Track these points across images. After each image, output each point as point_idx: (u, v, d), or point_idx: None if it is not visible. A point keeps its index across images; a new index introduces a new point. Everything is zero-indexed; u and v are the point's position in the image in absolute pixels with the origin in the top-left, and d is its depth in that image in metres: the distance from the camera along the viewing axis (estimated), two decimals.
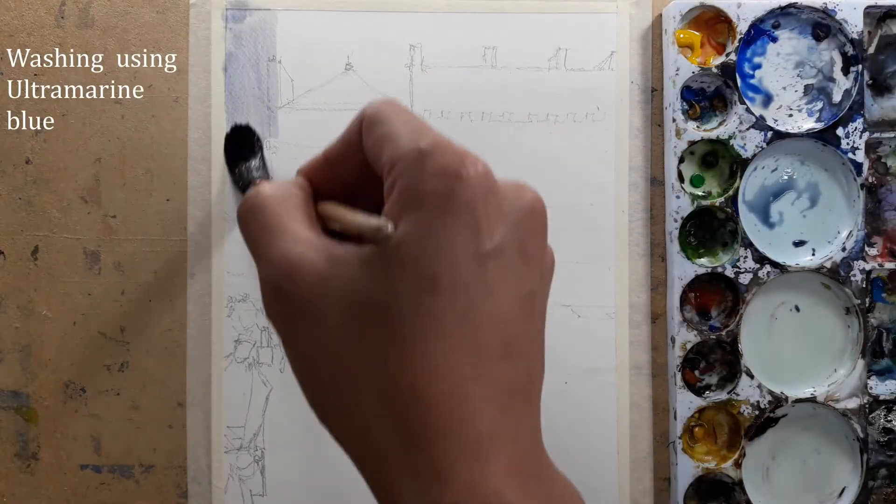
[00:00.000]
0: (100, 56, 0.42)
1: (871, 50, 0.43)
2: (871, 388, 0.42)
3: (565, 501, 0.21)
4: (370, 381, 0.20)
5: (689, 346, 0.42)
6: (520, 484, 0.19)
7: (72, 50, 0.42)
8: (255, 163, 0.40)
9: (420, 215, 0.20)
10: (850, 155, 0.42)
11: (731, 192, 0.42)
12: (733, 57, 0.42)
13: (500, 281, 0.20)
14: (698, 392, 0.42)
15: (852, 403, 0.42)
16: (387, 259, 0.20)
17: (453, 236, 0.20)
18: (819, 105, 0.43)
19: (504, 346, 0.20)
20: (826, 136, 0.42)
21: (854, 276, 0.42)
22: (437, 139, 0.21)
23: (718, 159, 0.43)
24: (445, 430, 0.19)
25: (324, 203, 0.23)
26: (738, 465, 0.42)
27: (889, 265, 0.42)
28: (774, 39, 0.43)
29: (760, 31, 0.42)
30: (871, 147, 0.42)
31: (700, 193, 0.43)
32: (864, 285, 0.42)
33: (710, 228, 0.43)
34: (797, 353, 0.43)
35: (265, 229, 0.22)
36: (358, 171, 0.23)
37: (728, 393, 0.42)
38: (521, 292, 0.21)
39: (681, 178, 0.42)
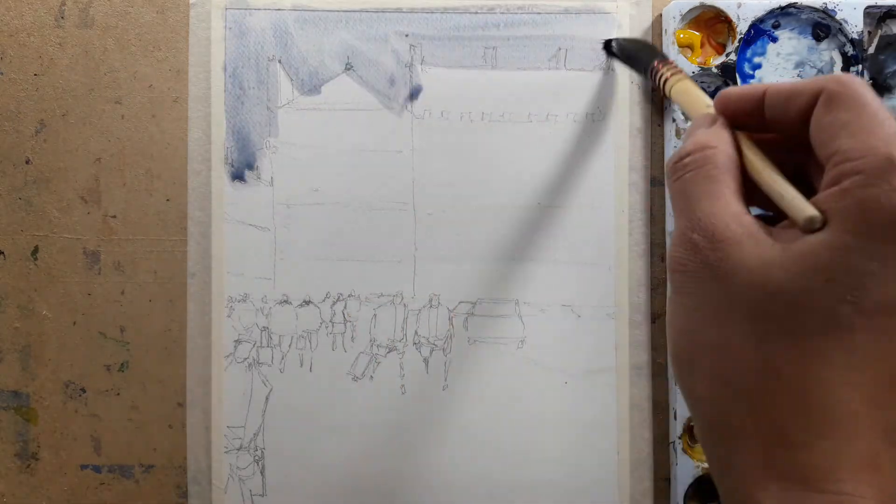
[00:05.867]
0: (100, 56, 0.42)
1: (871, 50, 0.43)
2: None
3: None
4: (747, 364, 0.20)
5: None
6: None
7: (72, 50, 0.42)
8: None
9: (869, 233, 0.19)
10: None
11: None
12: (733, 57, 0.42)
13: None
14: None
15: None
16: (816, 264, 0.19)
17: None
18: None
19: None
20: None
21: None
22: None
23: None
24: (823, 440, 0.19)
25: (755, 158, 0.23)
26: None
27: None
28: (774, 39, 0.43)
29: (760, 31, 0.42)
30: None
31: None
32: None
33: None
34: None
35: (701, 189, 0.22)
36: (788, 128, 0.22)
37: None
38: None
39: None
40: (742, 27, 0.41)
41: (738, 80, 0.42)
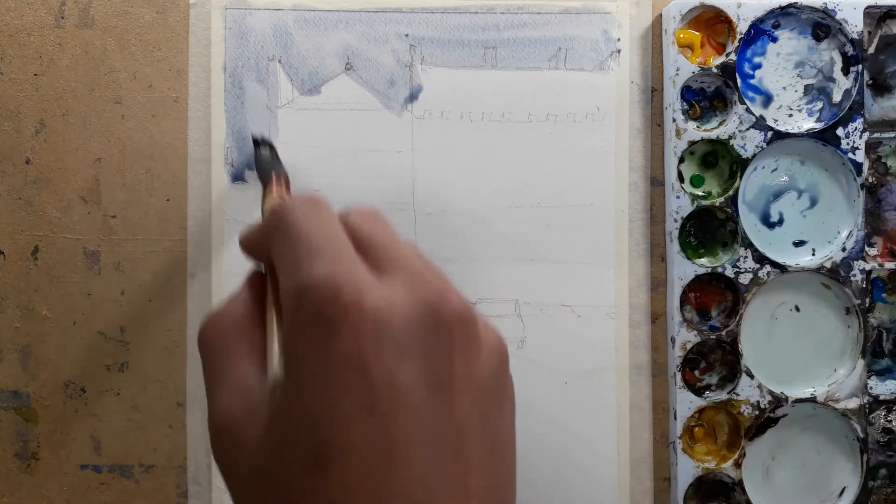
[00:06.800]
0: (100, 56, 0.42)
1: (871, 50, 0.43)
2: (871, 388, 0.42)
3: None
4: None
5: (689, 346, 0.42)
6: None
7: (72, 50, 0.42)
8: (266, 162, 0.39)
9: (299, 374, 0.17)
10: (850, 155, 0.42)
11: (731, 192, 0.42)
12: (733, 57, 0.42)
13: (407, 429, 0.17)
14: (698, 392, 0.42)
15: (852, 403, 0.42)
16: (274, 426, 0.18)
17: (338, 396, 0.17)
18: (819, 105, 0.43)
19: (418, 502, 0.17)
20: (826, 136, 0.42)
21: (854, 276, 0.42)
22: (316, 273, 0.18)
23: (718, 159, 0.43)
24: None
25: (269, 312, 0.21)
26: (738, 465, 0.42)
27: (889, 265, 0.42)
28: (774, 39, 0.43)
29: (760, 31, 0.42)
30: (871, 147, 0.42)
31: (700, 193, 0.43)
32: (864, 285, 0.42)
33: (710, 228, 0.43)
34: (797, 353, 0.43)
35: (211, 372, 0.20)
36: None
37: (728, 393, 0.42)
38: (441, 432, 0.18)
39: (681, 178, 0.42)
40: (742, 27, 0.41)
41: (738, 80, 0.42)
